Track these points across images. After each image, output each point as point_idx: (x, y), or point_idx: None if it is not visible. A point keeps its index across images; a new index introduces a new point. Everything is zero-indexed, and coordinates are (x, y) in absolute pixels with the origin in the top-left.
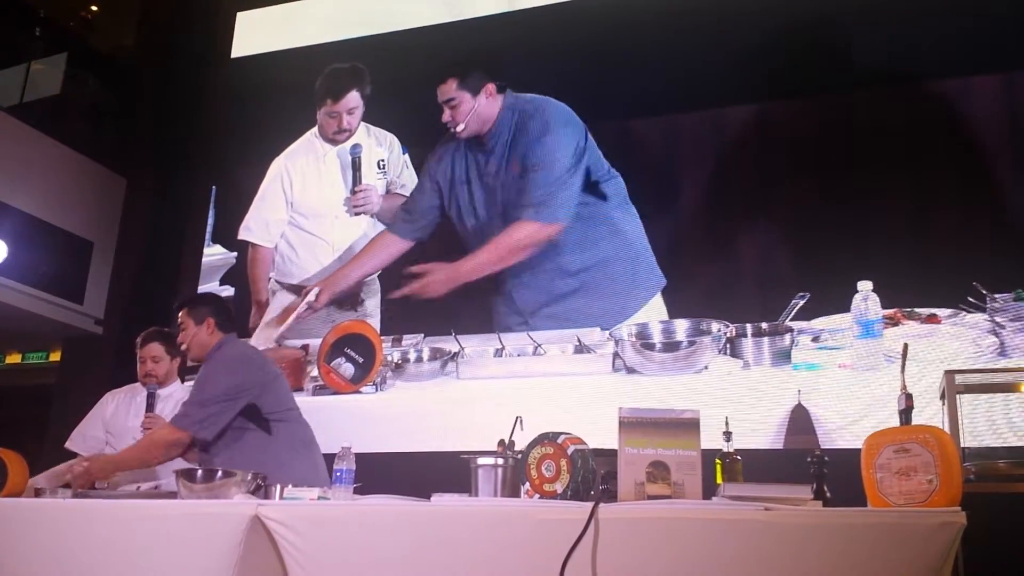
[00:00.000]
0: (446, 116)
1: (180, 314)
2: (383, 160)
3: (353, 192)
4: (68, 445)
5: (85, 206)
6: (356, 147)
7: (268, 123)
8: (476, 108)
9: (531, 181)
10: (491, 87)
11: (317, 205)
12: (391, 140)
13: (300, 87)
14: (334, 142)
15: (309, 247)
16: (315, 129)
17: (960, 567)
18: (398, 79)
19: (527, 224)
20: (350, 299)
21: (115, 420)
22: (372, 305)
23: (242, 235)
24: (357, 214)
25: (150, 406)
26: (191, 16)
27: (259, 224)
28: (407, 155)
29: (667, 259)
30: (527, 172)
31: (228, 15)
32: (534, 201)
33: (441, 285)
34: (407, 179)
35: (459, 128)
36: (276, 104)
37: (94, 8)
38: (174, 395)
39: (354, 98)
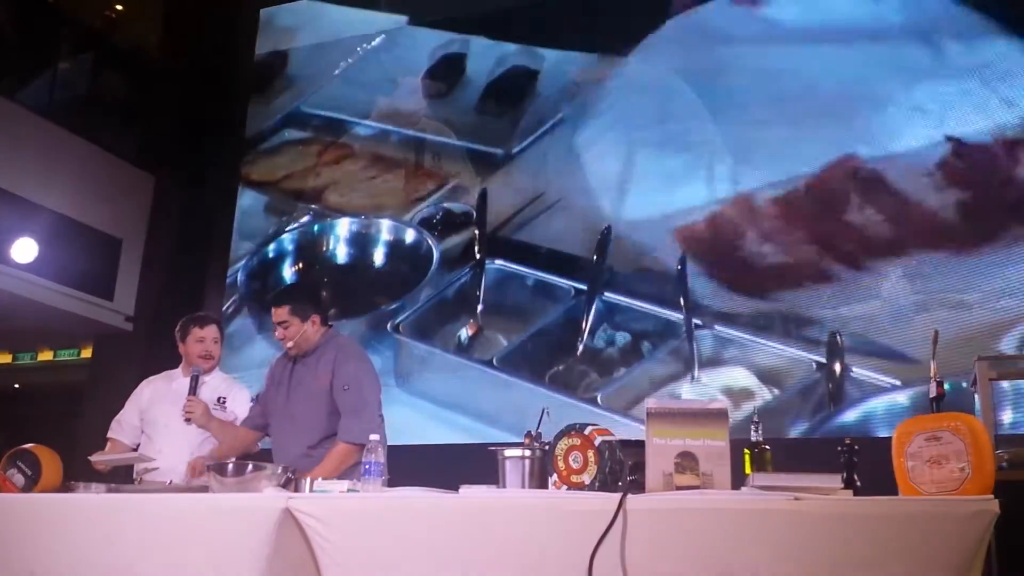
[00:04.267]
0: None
1: (280, 311)
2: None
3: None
4: (109, 434)
5: (114, 204)
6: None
7: (293, 118)
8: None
9: None
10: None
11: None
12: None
13: (323, 82)
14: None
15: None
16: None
17: (993, 556)
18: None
19: None
20: None
21: (150, 408)
22: None
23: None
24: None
25: (193, 389)
26: (215, 13)
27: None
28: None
29: None
30: None
31: (251, 12)
32: None
33: None
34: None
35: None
36: (299, 99)
37: (119, 7)
38: (211, 382)
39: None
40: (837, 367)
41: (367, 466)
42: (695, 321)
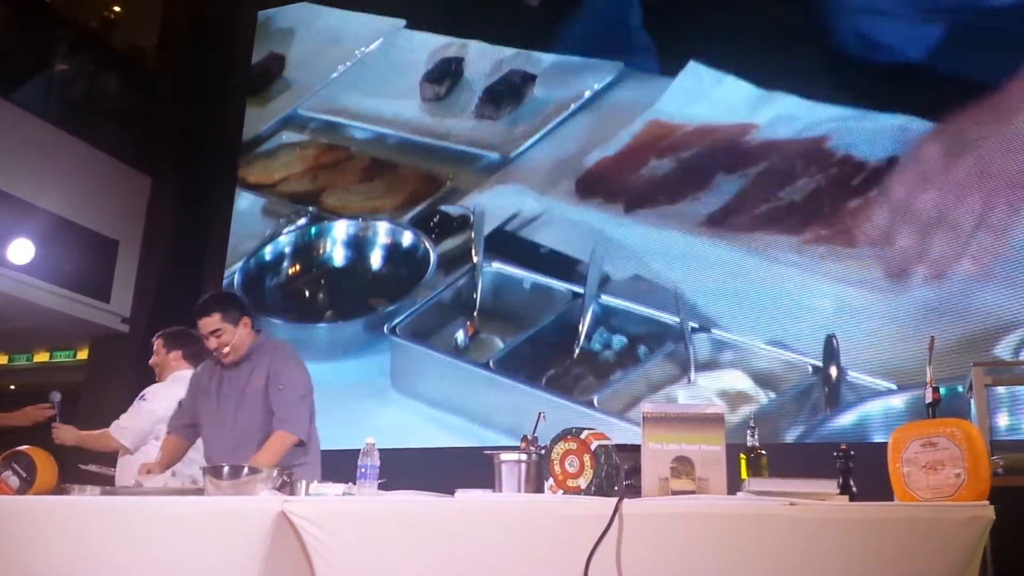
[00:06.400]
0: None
1: (212, 320)
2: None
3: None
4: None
5: (110, 205)
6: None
7: (290, 120)
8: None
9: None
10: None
11: None
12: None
13: (321, 85)
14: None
15: None
16: None
17: (988, 561)
18: None
19: None
20: None
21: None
22: None
23: None
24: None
25: (55, 416)
26: (212, 15)
27: None
28: None
29: None
30: None
31: (248, 14)
32: None
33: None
34: None
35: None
36: (297, 102)
37: (117, 8)
38: (160, 392)
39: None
40: (833, 371)
41: (362, 469)
42: (691, 325)
